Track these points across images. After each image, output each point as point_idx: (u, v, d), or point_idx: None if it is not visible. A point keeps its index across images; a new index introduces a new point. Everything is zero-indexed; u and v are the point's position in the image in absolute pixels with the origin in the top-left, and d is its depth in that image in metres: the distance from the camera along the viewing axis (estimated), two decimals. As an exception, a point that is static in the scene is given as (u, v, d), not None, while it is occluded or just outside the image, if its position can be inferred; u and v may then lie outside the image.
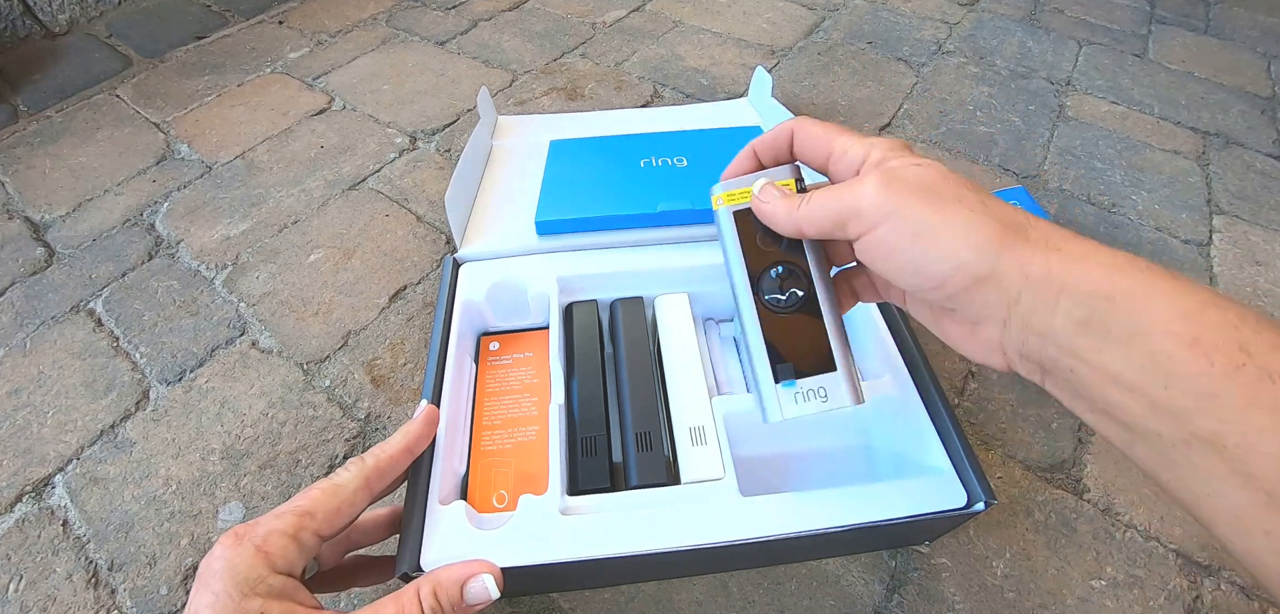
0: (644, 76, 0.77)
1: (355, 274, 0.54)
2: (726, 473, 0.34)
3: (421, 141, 0.68)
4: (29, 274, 0.55)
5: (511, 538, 0.30)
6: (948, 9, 0.91)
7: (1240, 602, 0.36)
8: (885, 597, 0.36)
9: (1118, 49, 0.83)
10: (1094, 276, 0.21)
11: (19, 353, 0.49)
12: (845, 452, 0.38)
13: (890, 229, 0.24)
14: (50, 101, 0.75)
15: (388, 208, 0.60)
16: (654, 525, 0.30)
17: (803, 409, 0.28)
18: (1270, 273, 0.54)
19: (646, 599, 0.36)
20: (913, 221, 0.23)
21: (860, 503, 0.31)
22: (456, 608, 0.27)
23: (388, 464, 0.30)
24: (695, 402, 0.37)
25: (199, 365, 0.48)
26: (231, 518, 0.40)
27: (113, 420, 0.45)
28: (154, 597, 0.37)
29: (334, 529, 0.28)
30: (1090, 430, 0.44)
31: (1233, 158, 0.66)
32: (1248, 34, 0.87)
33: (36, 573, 0.38)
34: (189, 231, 0.58)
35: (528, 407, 0.38)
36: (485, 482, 0.35)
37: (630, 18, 0.88)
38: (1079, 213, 0.59)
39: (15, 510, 0.41)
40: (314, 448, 0.43)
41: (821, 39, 0.84)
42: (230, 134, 0.69)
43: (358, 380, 0.47)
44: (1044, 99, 0.74)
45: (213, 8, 0.93)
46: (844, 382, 0.28)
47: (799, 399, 0.28)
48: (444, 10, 0.91)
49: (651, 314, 0.43)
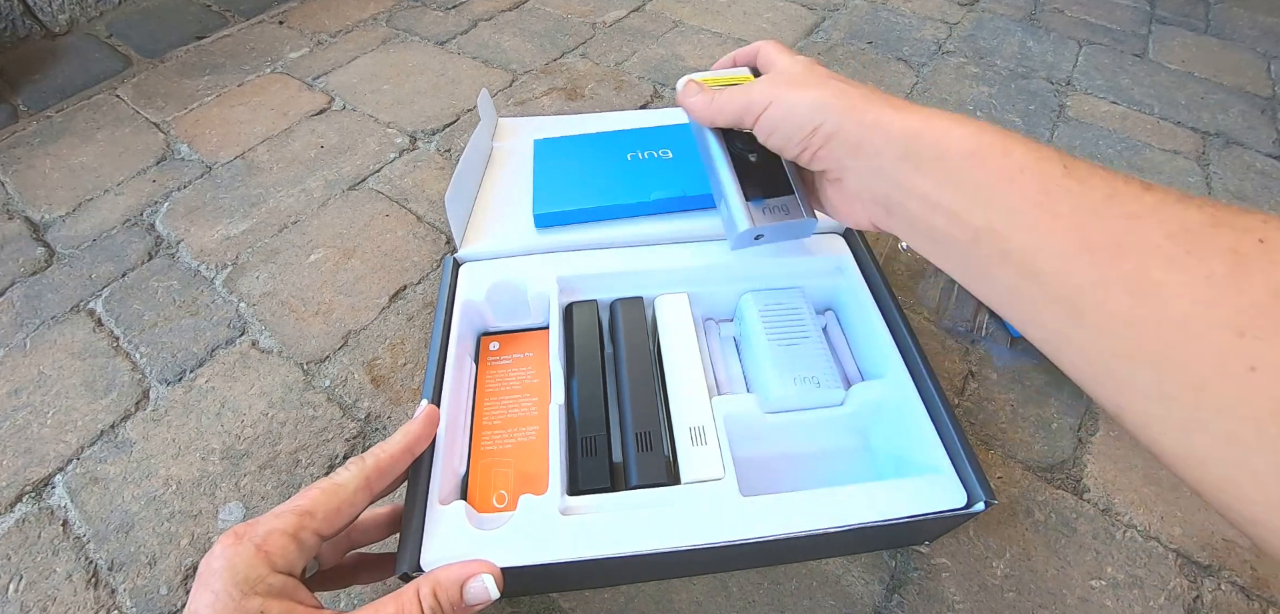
0: (644, 76, 0.77)
1: (355, 274, 0.54)
2: (726, 473, 0.34)
3: (421, 141, 0.68)
4: (29, 274, 0.55)
5: (511, 538, 0.30)
6: (948, 9, 0.91)
7: (1240, 601, 0.36)
8: (885, 597, 0.36)
9: (1118, 49, 0.83)
10: (913, 121, 0.27)
11: (19, 353, 0.49)
12: (845, 452, 0.38)
13: (770, 112, 0.32)
14: (50, 101, 0.75)
15: (388, 208, 0.60)
16: (654, 525, 0.30)
17: (768, 219, 0.36)
18: (1270, 273, 0.54)
19: (646, 599, 0.36)
20: (784, 102, 0.31)
21: (860, 503, 0.31)
22: (456, 608, 0.27)
23: (388, 464, 0.30)
24: (695, 402, 0.37)
25: (199, 365, 0.48)
26: (231, 518, 0.40)
27: (113, 420, 0.45)
28: (154, 597, 0.37)
29: (334, 529, 0.28)
30: (1091, 430, 0.44)
31: (1233, 158, 0.66)
32: (1248, 34, 0.87)
33: (36, 573, 0.38)
34: (189, 231, 0.58)
35: (528, 407, 0.38)
36: (485, 482, 0.35)
37: (630, 18, 0.88)
38: (1079, 213, 0.59)
39: (15, 510, 0.41)
40: (314, 448, 0.43)
41: (821, 39, 0.84)
42: (230, 134, 0.69)
43: (358, 380, 0.47)
44: (1044, 99, 0.74)
45: (213, 8, 0.93)
46: (800, 202, 0.37)
47: (765, 212, 0.36)
48: (444, 10, 0.91)
49: (651, 314, 0.43)
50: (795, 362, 0.38)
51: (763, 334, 0.39)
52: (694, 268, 0.42)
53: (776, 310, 0.40)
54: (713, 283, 0.43)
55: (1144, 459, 0.42)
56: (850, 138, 0.29)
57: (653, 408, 0.37)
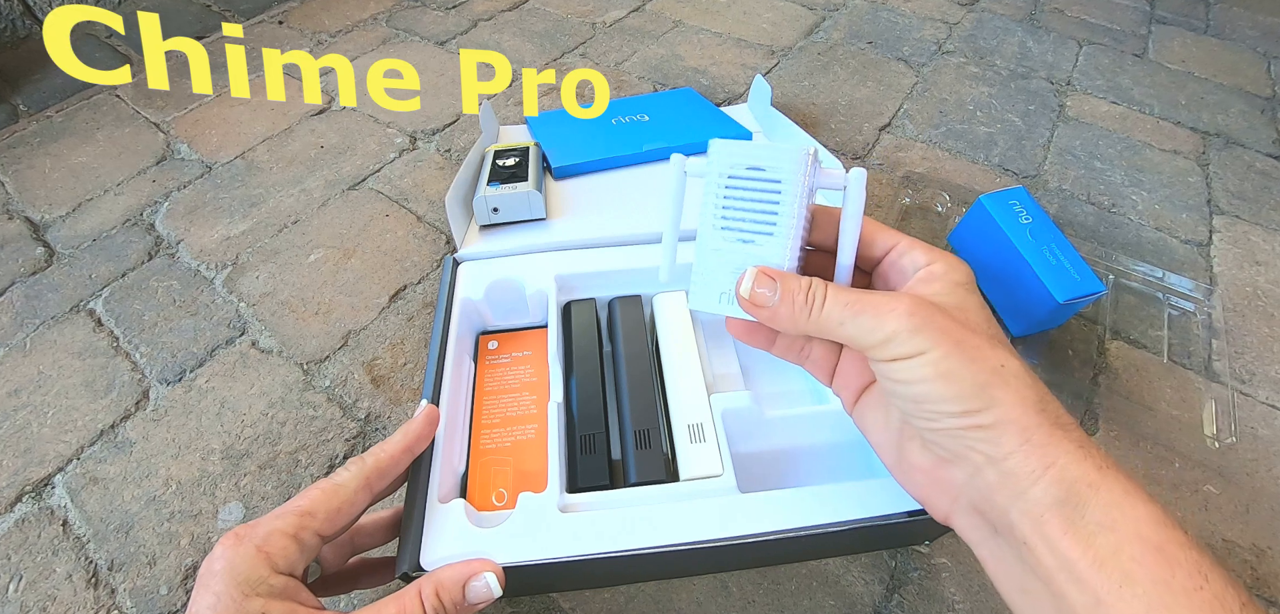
0: (644, 76, 0.77)
1: (355, 274, 0.54)
2: (725, 470, 0.34)
3: (421, 141, 0.68)
4: (29, 274, 0.55)
5: (511, 536, 0.30)
6: (948, 9, 0.91)
7: (1240, 601, 0.36)
8: (885, 597, 0.36)
9: (1118, 49, 0.83)
10: (1087, 465, 0.21)
11: (19, 353, 0.49)
12: (845, 448, 0.38)
13: (914, 365, 0.23)
14: (50, 101, 0.75)
15: (388, 208, 0.60)
16: (653, 522, 0.30)
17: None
18: (1270, 273, 0.54)
19: (646, 599, 0.36)
20: (939, 364, 0.22)
21: (860, 500, 0.31)
22: (458, 607, 0.27)
23: (388, 464, 0.30)
24: (694, 399, 0.37)
25: (199, 365, 0.48)
26: (231, 518, 0.40)
27: (113, 420, 0.45)
28: (154, 597, 0.37)
29: (335, 529, 0.28)
30: (1091, 430, 0.44)
31: (1233, 158, 0.66)
32: (1248, 34, 0.87)
33: (36, 573, 0.38)
34: (189, 231, 0.58)
35: (527, 405, 0.38)
36: (484, 480, 0.35)
37: (630, 18, 0.88)
38: (1079, 213, 0.59)
39: (15, 510, 0.41)
40: (314, 448, 0.43)
41: (821, 39, 0.84)
42: (230, 134, 0.69)
43: (358, 380, 0.47)
44: (1044, 99, 0.74)
45: (213, 8, 0.93)
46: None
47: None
48: (444, 10, 0.91)
49: (650, 312, 0.43)
50: (734, 264, 0.28)
51: (713, 210, 0.28)
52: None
53: (747, 185, 0.27)
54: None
55: (1144, 459, 0.42)
56: (1005, 444, 0.22)
57: (651, 405, 0.37)
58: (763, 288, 0.26)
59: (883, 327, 0.23)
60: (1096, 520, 0.20)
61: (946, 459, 0.24)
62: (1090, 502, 0.20)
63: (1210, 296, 0.51)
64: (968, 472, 0.23)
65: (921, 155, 0.66)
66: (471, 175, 0.51)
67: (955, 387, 0.22)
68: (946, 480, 0.24)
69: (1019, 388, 0.22)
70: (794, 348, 0.30)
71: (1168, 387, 0.46)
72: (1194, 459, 0.42)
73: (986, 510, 0.23)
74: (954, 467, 0.24)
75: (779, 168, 0.27)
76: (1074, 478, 0.21)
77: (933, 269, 0.26)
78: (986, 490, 0.22)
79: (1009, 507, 0.22)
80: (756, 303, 0.26)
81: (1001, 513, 0.22)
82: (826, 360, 0.30)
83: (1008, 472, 0.22)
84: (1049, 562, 0.20)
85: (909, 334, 0.23)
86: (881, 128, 0.69)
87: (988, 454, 0.22)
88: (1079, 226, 0.58)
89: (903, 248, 0.27)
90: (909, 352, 0.23)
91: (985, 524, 0.23)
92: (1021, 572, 0.22)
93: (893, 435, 0.27)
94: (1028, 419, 0.22)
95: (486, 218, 0.47)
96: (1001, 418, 0.22)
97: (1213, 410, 0.44)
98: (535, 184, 0.48)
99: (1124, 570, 0.19)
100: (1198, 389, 0.45)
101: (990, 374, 0.22)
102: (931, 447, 0.24)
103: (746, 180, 0.27)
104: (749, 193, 0.27)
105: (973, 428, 0.22)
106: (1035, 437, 0.21)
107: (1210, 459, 0.42)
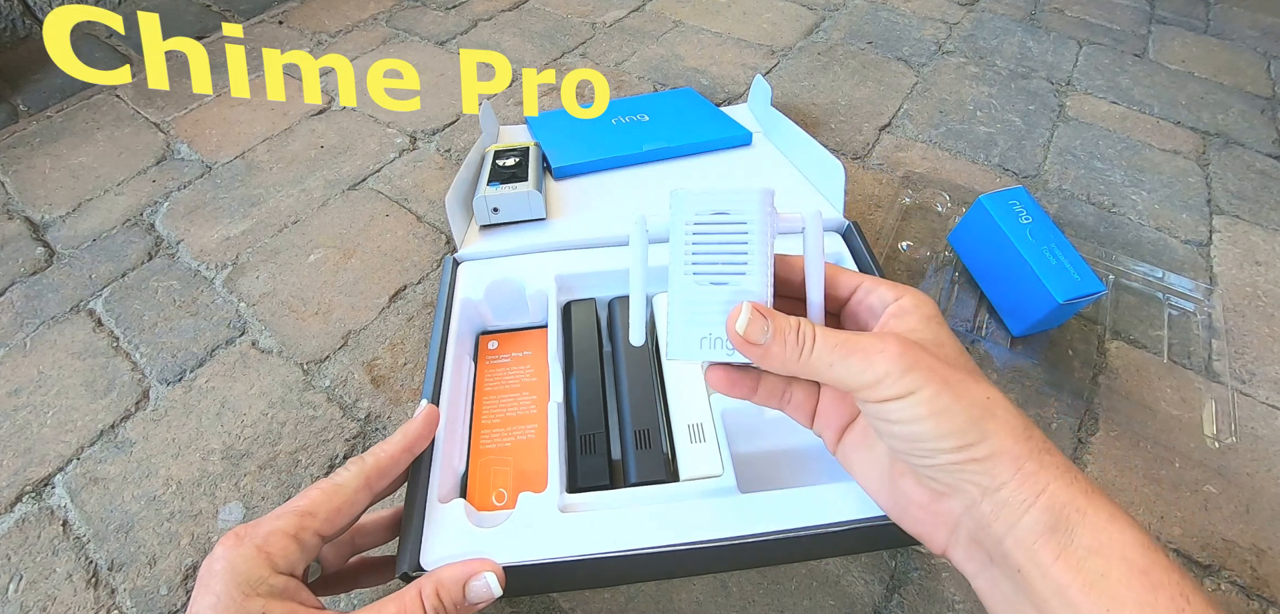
0: (644, 76, 0.77)
1: (355, 274, 0.54)
2: (725, 470, 0.34)
3: (421, 141, 0.68)
4: (29, 274, 0.55)
5: (511, 535, 0.30)
6: (948, 9, 0.91)
7: (1240, 601, 0.36)
8: (885, 597, 0.36)
9: (1118, 49, 0.83)
10: (1074, 489, 0.22)
11: (19, 353, 0.49)
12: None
13: (906, 405, 0.23)
14: (50, 101, 0.75)
15: (388, 208, 0.60)
16: (653, 522, 0.30)
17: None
18: (1270, 273, 0.54)
19: (646, 599, 0.36)
20: (932, 401, 0.23)
21: (860, 500, 0.31)
22: (459, 607, 0.27)
23: (388, 463, 0.30)
24: (694, 399, 0.37)
25: (199, 365, 0.48)
26: (231, 518, 0.40)
27: (113, 420, 0.45)
28: (154, 597, 0.37)
29: (335, 529, 0.28)
30: (1091, 430, 0.44)
31: (1233, 158, 0.66)
32: (1248, 34, 0.87)
33: (36, 573, 0.38)
34: (189, 231, 0.58)
35: (527, 405, 0.38)
36: (484, 480, 0.35)
37: (630, 18, 0.88)
38: (1079, 213, 0.59)
39: (15, 510, 0.41)
40: (314, 448, 0.43)
41: (821, 39, 0.84)
42: (230, 134, 0.69)
43: (358, 380, 0.47)
44: (1044, 99, 0.74)
45: (213, 8, 0.93)
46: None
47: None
48: (444, 10, 0.91)
49: (650, 312, 0.43)
50: (712, 307, 0.27)
51: (682, 258, 0.28)
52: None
53: (713, 230, 0.27)
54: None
55: (1144, 459, 0.42)
56: (998, 475, 0.22)
57: (651, 405, 0.37)
58: (757, 325, 0.25)
59: (872, 368, 0.23)
60: (1085, 545, 0.21)
61: (942, 492, 0.24)
62: (1078, 526, 0.21)
63: (1210, 296, 0.51)
64: (964, 503, 0.23)
65: (921, 155, 0.66)
66: (471, 175, 0.51)
67: (949, 423, 0.22)
68: (944, 512, 0.25)
69: (1007, 418, 0.23)
70: (775, 393, 0.30)
71: (1168, 387, 0.46)
72: (1194, 459, 0.42)
73: (983, 540, 0.23)
74: (950, 499, 0.24)
75: (743, 210, 0.27)
76: (1063, 503, 0.21)
77: (902, 304, 0.26)
78: (982, 520, 0.23)
79: (1004, 536, 0.22)
80: (750, 340, 0.26)
81: (996, 542, 0.22)
82: (807, 402, 0.30)
83: (1002, 501, 0.22)
84: (1042, 588, 0.21)
85: (900, 374, 0.23)
86: (881, 128, 0.69)
87: (983, 485, 0.22)
88: (1079, 226, 0.58)
89: (867, 287, 0.28)
90: (900, 391, 0.23)
91: (981, 553, 0.24)
92: (1017, 600, 0.23)
93: (882, 472, 0.27)
94: (1018, 448, 0.22)
95: (486, 218, 0.47)
96: (995, 449, 0.22)
97: (1213, 410, 0.44)
98: (535, 184, 0.48)
99: (1111, 594, 0.20)
100: (1198, 389, 0.45)
101: (979, 408, 0.23)
102: (927, 482, 0.25)
103: (712, 225, 0.27)
104: (716, 237, 0.27)
105: (968, 461, 0.23)
106: (1026, 465, 0.22)
107: (1210, 459, 0.42)
